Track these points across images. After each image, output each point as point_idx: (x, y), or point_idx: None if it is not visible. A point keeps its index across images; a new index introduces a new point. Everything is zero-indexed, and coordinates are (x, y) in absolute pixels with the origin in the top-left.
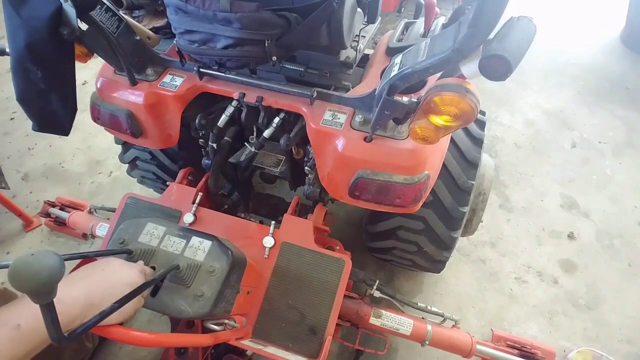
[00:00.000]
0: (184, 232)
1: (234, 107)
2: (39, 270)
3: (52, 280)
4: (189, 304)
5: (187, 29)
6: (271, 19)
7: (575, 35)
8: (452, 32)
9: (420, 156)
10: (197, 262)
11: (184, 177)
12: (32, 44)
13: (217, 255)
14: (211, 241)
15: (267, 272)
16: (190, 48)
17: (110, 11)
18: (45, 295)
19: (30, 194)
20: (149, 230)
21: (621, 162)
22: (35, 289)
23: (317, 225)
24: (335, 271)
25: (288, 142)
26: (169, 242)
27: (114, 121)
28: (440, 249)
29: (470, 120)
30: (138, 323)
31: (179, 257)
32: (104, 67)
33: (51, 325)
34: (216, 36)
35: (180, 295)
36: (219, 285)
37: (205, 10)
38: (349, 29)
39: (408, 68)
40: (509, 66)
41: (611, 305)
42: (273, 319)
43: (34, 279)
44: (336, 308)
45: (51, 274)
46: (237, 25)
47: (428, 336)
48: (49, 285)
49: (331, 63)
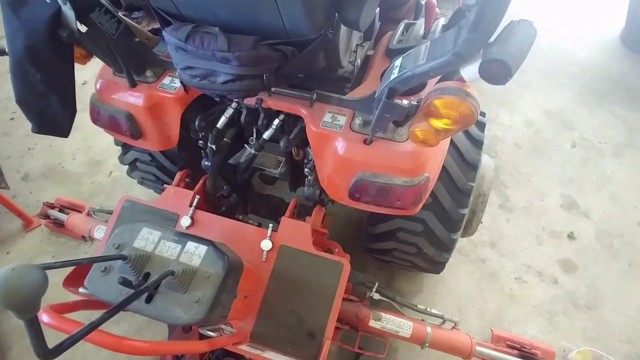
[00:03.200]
0: (180, 237)
1: (234, 109)
2: (20, 286)
3: (34, 295)
4: (184, 310)
5: (188, 65)
6: (268, 54)
7: (575, 36)
8: (452, 36)
9: (420, 158)
10: (192, 267)
11: (181, 180)
12: (31, 46)
13: (213, 260)
14: (207, 246)
15: (265, 275)
16: (191, 82)
17: (109, 13)
18: (27, 311)
19: (30, 194)
20: (144, 235)
21: (621, 162)
22: (18, 306)
23: (315, 228)
24: (334, 274)
25: (288, 144)
26: (164, 247)
27: (113, 123)
28: (440, 250)
29: (471, 123)
30: (137, 324)
31: (175, 262)
32: (103, 68)
33: (36, 340)
34: (216, 72)
35: (175, 302)
36: (214, 291)
37: (204, 50)
38: (346, 51)
39: (408, 71)
40: (510, 70)
41: (611, 305)
42: (271, 323)
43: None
44: (335, 312)
45: (32, 289)
46: (236, 63)
47: (428, 338)
48: (31, 300)
49: (329, 78)
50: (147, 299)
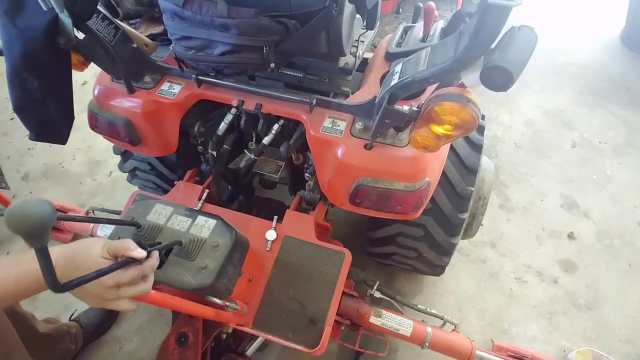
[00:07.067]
0: (190, 212)
1: (233, 115)
2: (32, 213)
3: (45, 222)
4: (192, 275)
5: (184, 35)
6: (269, 25)
7: (575, 35)
8: (452, 42)
9: (421, 163)
10: (201, 238)
11: (190, 177)
12: (28, 54)
13: (222, 232)
14: (216, 220)
15: (269, 264)
16: (186, 54)
17: (107, 19)
18: (39, 238)
19: (30, 194)
20: (157, 210)
21: (621, 162)
22: (30, 231)
23: (318, 221)
24: (336, 263)
25: (288, 150)
26: (176, 221)
27: (112, 129)
28: (440, 254)
29: (472, 129)
30: (137, 323)
31: (185, 234)
32: (101, 75)
33: (46, 270)
34: (213, 42)
35: (184, 268)
36: (222, 259)
37: (202, 16)
38: (348, 36)
39: (408, 77)
40: (511, 77)
41: (611, 305)
42: (273, 309)
43: (27, 220)
44: (336, 299)
45: (43, 217)
46: (235, 31)
47: (428, 338)
48: (42, 227)
49: (330, 69)
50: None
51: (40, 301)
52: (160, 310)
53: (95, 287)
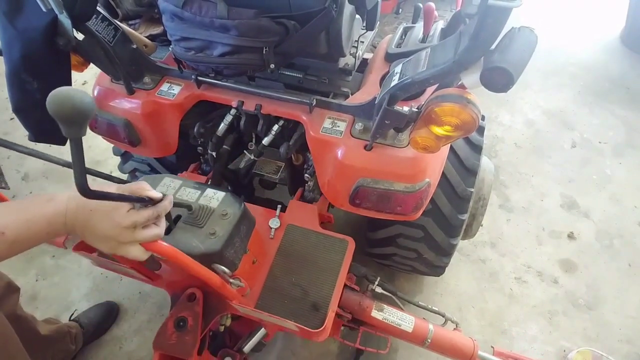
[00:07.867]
0: (199, 185)
1: (233, 115)
2: (76, 99)
3: (86, 109)
4: (201, 241)
5: (184, 36)
6: (269, 26)
7: (575, 35)
8: (452, 43)
9: (421, 164)
10: (210, 207)
11: (194, 170)
12: (28, 55)
13: (231, 202)
14: (225, 192)
15: (272, 251)
16: (186, 55)
17: (106, 20)
18: (77, 126)
19: (30, 194)
20: (166, 182)
21: (621, 162)
22: (71, 115)
23: (321, 212)
24: (339, 251)
25: (288, 150)
26: (185, 192)
27: (111, 130)
28: (440, 255)
29: (472, 130)
30: (138, 323)
31: (194, 203)
32: (101, 75)
33: (78, 167)
34: (213, 43)
35: (193, 234)
36: (230, 227)
37: (202, 17)
38: (348, 37)
39: (408, 78)
40: (511, 78)
41: (611, 305)
42: (276, 295)
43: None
44: (339, 286)
45: (85, 104)
46: (235, 32)
47: (430, 335)
48: (83, 114)
49: (330, 70)
50: (166, 231)
51: (40, 301)
52: (160, 310)
53: (112, 228)
